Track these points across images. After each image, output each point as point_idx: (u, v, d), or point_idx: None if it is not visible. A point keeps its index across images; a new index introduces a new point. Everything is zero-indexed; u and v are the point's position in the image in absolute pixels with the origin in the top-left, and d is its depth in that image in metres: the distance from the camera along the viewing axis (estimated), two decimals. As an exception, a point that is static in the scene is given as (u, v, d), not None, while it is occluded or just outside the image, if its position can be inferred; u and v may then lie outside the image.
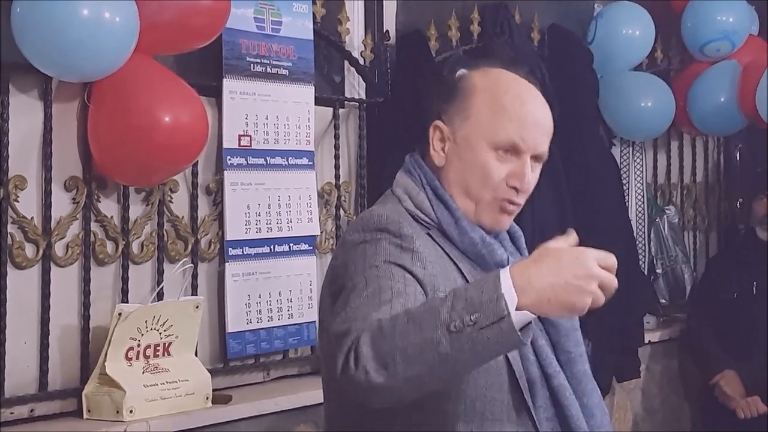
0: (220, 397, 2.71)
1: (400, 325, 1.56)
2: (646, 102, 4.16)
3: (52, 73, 2.41)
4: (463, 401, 1.75)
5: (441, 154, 1.87)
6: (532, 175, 1.84)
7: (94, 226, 2.59)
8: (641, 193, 4.40)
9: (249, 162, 2.93)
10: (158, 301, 2.64)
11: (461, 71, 1.92)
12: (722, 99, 4.34)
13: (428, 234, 1.83)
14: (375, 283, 1.67)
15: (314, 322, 3.03)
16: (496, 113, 1.82)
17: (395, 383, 1.55)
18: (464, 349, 1.52)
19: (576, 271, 1.54)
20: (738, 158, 5.04)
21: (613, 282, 1.56)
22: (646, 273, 4.39)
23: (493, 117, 1.82)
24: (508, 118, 1.82)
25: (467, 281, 1.79)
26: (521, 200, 1.85)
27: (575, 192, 3.70)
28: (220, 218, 2.88)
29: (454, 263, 1.82)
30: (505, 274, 1.55)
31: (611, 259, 1.58)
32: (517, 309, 1.53)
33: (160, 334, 2.57)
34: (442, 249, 1.82)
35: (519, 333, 1.53)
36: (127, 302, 2.61)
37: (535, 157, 1.85)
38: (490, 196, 1.83)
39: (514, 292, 1.53)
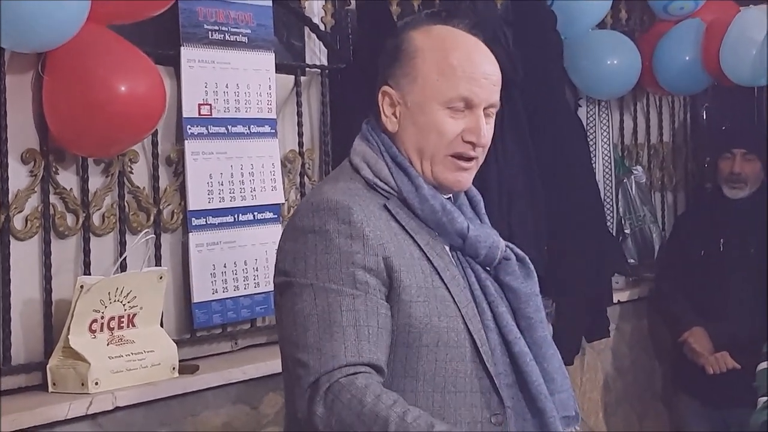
0: (186, 368, 2.70)
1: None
2: (612, 59, 4.15)
3: (4, 44, 2.37)
4: (421, 377, 1.76)
5: (393, 120, 1.86)
6: (487, 128, 1.84)
7: (54, 199, 2.56)
8: (608, 154, 4.40)
9: (210, 131, 2.90)
10: (121, 272, 2.62)
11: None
12: (687, 58, 4.33)
13: (385, 206, 1.81)
14: (324, 300, 1.70)
15: (281, 290, 3.02)
16: (445, 74, 1.81)
17: None
18: None
19: None
20: (705, 117, 5.05)
21: None
22: (614, 233, 4.40)
23: (443, 77, 1.81)
24: (458, 77, 1.81)
25: (424, 254, 1.80)
26: (478, 154, 1.85)
27: (542, 156, 3.69)
28: (182, 188, 2.86)
29: (411, 236, 1.80)
30: None
31: None
32: None
33: (124, 305, 2.56)
34: (398, 223, 1.81)
35: None
36: (89, 275, 2.59)
37: (488, 110, 1.84)
38: (444, 152, 1.82)
39: None
